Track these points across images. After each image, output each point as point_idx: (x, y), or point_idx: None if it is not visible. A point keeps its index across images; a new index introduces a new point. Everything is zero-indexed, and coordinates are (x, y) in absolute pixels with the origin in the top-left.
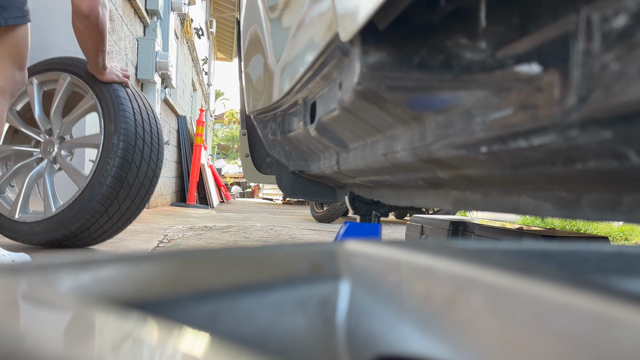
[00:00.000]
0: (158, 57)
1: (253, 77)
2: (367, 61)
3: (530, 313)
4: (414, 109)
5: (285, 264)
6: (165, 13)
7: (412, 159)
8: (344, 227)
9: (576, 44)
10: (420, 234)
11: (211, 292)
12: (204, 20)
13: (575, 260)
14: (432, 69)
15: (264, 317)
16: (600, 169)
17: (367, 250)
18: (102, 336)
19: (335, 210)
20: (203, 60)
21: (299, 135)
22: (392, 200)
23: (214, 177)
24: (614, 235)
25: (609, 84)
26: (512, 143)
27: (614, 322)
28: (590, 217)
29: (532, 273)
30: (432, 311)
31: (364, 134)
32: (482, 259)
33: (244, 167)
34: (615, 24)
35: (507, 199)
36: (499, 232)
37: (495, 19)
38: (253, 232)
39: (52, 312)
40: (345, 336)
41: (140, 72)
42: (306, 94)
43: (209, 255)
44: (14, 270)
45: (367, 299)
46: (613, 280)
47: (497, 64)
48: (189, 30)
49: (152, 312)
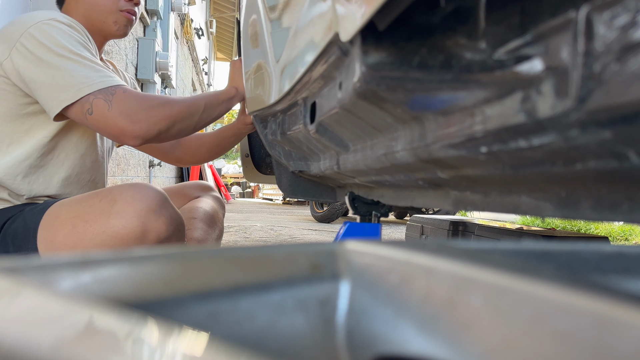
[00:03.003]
0: (158, 57)
1: (253, 77)
2: (367, 61)
3: (530, 313)
4: (414, 109)
5: (285, 264)
6: (165, 13)
7: (412, 159)
8: (344, 227)
9: (576, 44)
10: (420, 234)
11: (211, 292)
12: (204, 20)
13: (575, 260)
14: (432, 69)
15: (264, 317)
16: (600, 169)
17: (367, 250)
18: (101, 336)
19: (335, 210)
20: (203, 60)
21: (299, 135)
22: (392, 200)
23: (214, 177)
24: (614, 235)
25: (609, 84)
26: (512, 143)
27: (614, 322)
28: (590, 217)
29: (532, 273)
30: (432, 311)
31: (364, 134)
32: (482, 259)
33: (244, 167)
34: (615, 24)
35: (507, 199)
36: (499, 232)
37: (495, 19)
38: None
39: (51, 312)
40: (345, 336)
41: (140, 72)
42: (306, 94)
43: (209, 255)
44: (14, 270)
45: (367, 299)
46: (613, 280)
47: (497, 64)
48: (189, 31)
49: (152, 312)
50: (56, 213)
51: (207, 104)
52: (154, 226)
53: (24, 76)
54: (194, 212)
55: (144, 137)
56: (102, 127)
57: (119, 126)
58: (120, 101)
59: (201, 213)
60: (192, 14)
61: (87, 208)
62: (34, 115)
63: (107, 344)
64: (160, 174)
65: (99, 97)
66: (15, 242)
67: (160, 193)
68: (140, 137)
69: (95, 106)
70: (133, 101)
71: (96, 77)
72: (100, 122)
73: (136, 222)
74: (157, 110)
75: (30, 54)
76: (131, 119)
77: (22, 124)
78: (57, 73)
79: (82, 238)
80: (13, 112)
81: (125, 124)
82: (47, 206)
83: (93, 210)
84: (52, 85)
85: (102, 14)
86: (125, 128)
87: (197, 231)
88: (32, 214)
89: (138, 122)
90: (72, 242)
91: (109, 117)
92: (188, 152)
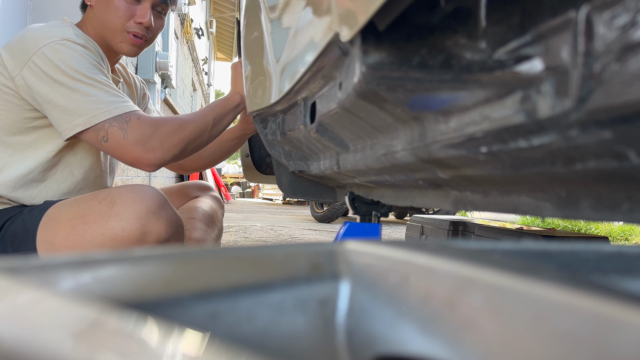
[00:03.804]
0: (158, 57)
1: (253, 77)
2: (367, 61)
3: (530, 313)
4: (414, 109)
5: (285, 264)
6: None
7: (412, 159)
8: (344, 227)
9: (576, 44)
10: (420, 234)
11: (211, 292)
12: (204, 20)
13: (575, 260)
14: (432, 69)
15: (264, 317)
16: (600, 169)
17: (367, 250)
18: (102, 336)
19: (335, 210)
20: (203, 60)
21: (299, 135)
22: (392, 200)
23: (214, 177)
24: (614, 235)
25: (609, 84)
26: (512, 143)
27: (614, 322)
28: (590, 217)
29: (532, 273)
30: (432, 311)
31: (364, 134)
32: (482, 259)
33: (244, 167)
34: (615, 24)
35: (507, 199)
36: (499, 232)
37: (495, 19)
38: (253, 232)
39: (51, 312)
40: (345, 336)
41: (140, 72)
42: (306, 94)
43: (209, 255)
44: (14, 270)
45: (367, 299)
46: (613, 280)
47: (496, 64)
48: (189, 30)
49: (152, 312)
50: (55, 214)
51: (215, 117)
52: (154, 228)
53: (37, 96)
54: (193, 212)
55: (159, 164)
56: (117, 154)
57: (134, 155)
58: (134, 130)
59: (200, 213)
60: (192, 14)
61: (87, 210)
62: (40, 129)
63: (107, 344)
64: (161, 174)
65: (114, 125)
66: (14, 243)
67: (159, 195)
68: (156, 164)
69: (110, 134)
70: (147, 129)
71: (110, 102)
72: (116, 150)
73: (135, 224)
74: (170, 137)
75: (43, 74)
76: (146, 147)
77: (27, 135)
78: (72, 96)
79: (82, 240)
80: (18, 124)
81: (141, 152)
82: (46, 207)
83: (92, 212)
84: (65, 108)
85: (110, 30)
86: (141, 157)
87: (196, 231)
88: (31, 215)
89: (153, 151)
90: (72, 243)
91: (125, 145)
92: (190, 159)
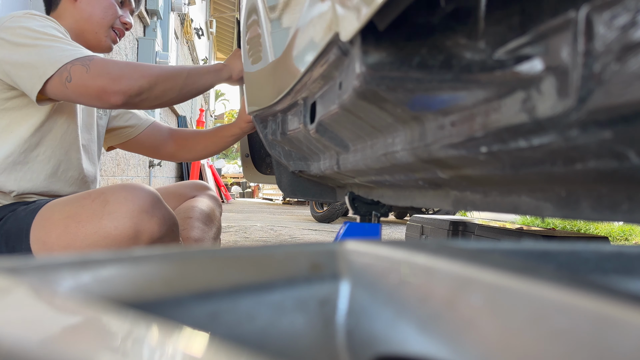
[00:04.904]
0: (158, 57)
1: (253, 77)
2: (367, 61)
3: (530, 313)
4: (414, 109)
5: (285, 264)
6: (165, 13)
7: (412, 159)
8: (344, 227)
9: (576, 44)
10: (420, 234)
11: (211, 292)
12: (204, 20)
13: (575, 260)
14: (432, 69)
15: (264, 317)
16: (600, 169)
17: (367, 250)
18: (102, 336)
19: (335, 210)
20: (203, 60)
21: (299, 135)
22: (392, 200)
23: (214, 177)
24: (614, 235)
25: (609, 84)
26: (512, 143)
27: (614, 322)
28: (590, 217)
29: (532, 273)
30: (432, 311)
31: (364, 134)
32: (482, 259)
33: (244, 167)
34: (615, 24)
35: (507, 199)
36: (499, 232)
37: (495, 19)
38: (253, 232)
39: (51, 312)
40: (345, 336)
41: None
42: (306, 94)
43: (209, 255)
44: (14, 270)
45: (367, 299)
46: (613, 280)
47: (497, 64)
48: (189, 30)
49: (152, 312)
50: (48, 213)
51: (191, 70)
52: (147, 227)
53: (5, 65)
54: (190, 212)
55: (126, 92)
56: (82, 91)
57: (98, 85)
58: (98, 64)
59: (198, 212)
60: (192, 14)
61: (80, 209)
62: (12, 111)
63: (107, 343)
64: (160, 173)
65: (76, 64)
66: (8, 242)
67: (152, 193)
68: (122, 92)
69: (73, 72)
70: (111, 63)
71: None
72: (80, 86)
73: (128, 223)
74: (137, 68)
75: (6, 42)
76: (111, 76)
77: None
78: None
79: (75, 239)
80: None
81: (105, 81)
82: (39, 206)
83: (85, 211)
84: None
85: (97, 25)
86: (105, 86)
87: (194, 230)
88: (24, 214)
89: (118, 79)
90: (65, 242)
91: (88, 78)
92: (183, 148)
